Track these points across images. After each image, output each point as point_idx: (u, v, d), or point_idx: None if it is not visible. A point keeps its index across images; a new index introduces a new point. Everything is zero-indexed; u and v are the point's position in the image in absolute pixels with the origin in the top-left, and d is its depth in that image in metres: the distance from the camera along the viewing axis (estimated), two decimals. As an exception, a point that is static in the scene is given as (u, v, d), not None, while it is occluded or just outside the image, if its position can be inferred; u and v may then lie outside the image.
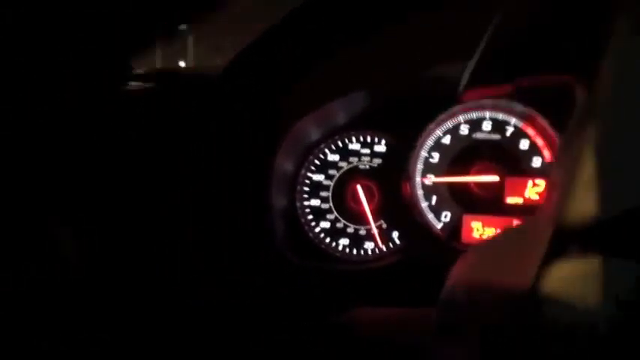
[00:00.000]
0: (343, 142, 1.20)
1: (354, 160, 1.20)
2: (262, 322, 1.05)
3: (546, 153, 1.13)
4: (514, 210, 1.14)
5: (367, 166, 1.20)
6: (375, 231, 1.18)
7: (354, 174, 1.20)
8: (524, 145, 1.14)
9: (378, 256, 1.19)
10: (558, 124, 1.10)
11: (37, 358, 0.79)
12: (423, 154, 1.17)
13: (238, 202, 1.06)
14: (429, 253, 1.14)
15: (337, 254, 1.20)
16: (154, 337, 1.03)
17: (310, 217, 1.21)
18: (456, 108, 1.14)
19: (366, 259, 1.19)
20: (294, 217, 1.20)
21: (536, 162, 1.14)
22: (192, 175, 1.03)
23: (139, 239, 1.06)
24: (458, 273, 0.63)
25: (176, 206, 1.04)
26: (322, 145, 1.20)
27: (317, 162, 1.20)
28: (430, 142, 1.16)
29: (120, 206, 1.05)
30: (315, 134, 1.18)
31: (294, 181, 1.20)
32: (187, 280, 1.05)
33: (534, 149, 1.14)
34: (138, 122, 1.07)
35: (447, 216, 1.17)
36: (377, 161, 1.20)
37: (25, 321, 0.86)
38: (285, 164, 1.15)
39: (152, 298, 1.05)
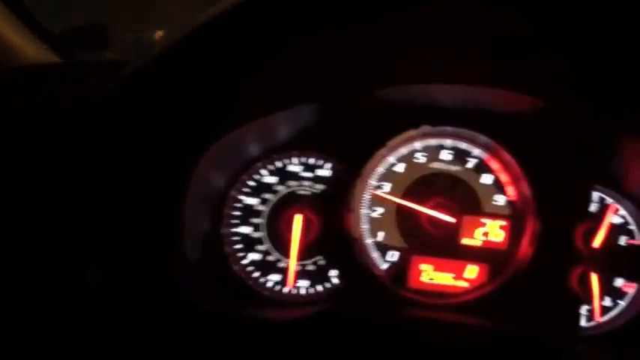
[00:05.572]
0: (283, 163, 1.05)
1: (293, 184, 1.05)
2: None
3: (510, 191, 0.99)
4: (469, 253, 0.98)
5: (308, 193, 1.04)
6: (307, 268, 1.02)
7: (292, 200, 1.04)
8: (486, 179, 1.00)
9: (311, 298, 1.02)
10: (526, 158, 0.96)
11: None
12: (372, 182, 1.02)
13: (142, 218, 0.86)
14: (368, 298, 0.97)
15: (266, 292, 1.02)
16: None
17: (238, 246, 1.03)
18: (412, 133, 1.00)
19: (296, 300, 1.02)
20: (216, 244, 1.02)
21: (499, 200, 0.99)
22: (86, 175, 0.85)
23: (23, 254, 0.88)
24: None
25: (60, 215, 0.85)
26: (259, 164, 1.04)
27: (251, 183, 1.04)
28: (381, 169, 1.01)
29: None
30: (252, 149, 1.02)
31: (221, 202, 1.03)
32: (66, 319, 0.85)
33: (497, 186, 0.99)
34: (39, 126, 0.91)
35: (393, 255, 1.00)
36: (319, 187, 1.04)
37: None
38: (211, 179, 0.97)
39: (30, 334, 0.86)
